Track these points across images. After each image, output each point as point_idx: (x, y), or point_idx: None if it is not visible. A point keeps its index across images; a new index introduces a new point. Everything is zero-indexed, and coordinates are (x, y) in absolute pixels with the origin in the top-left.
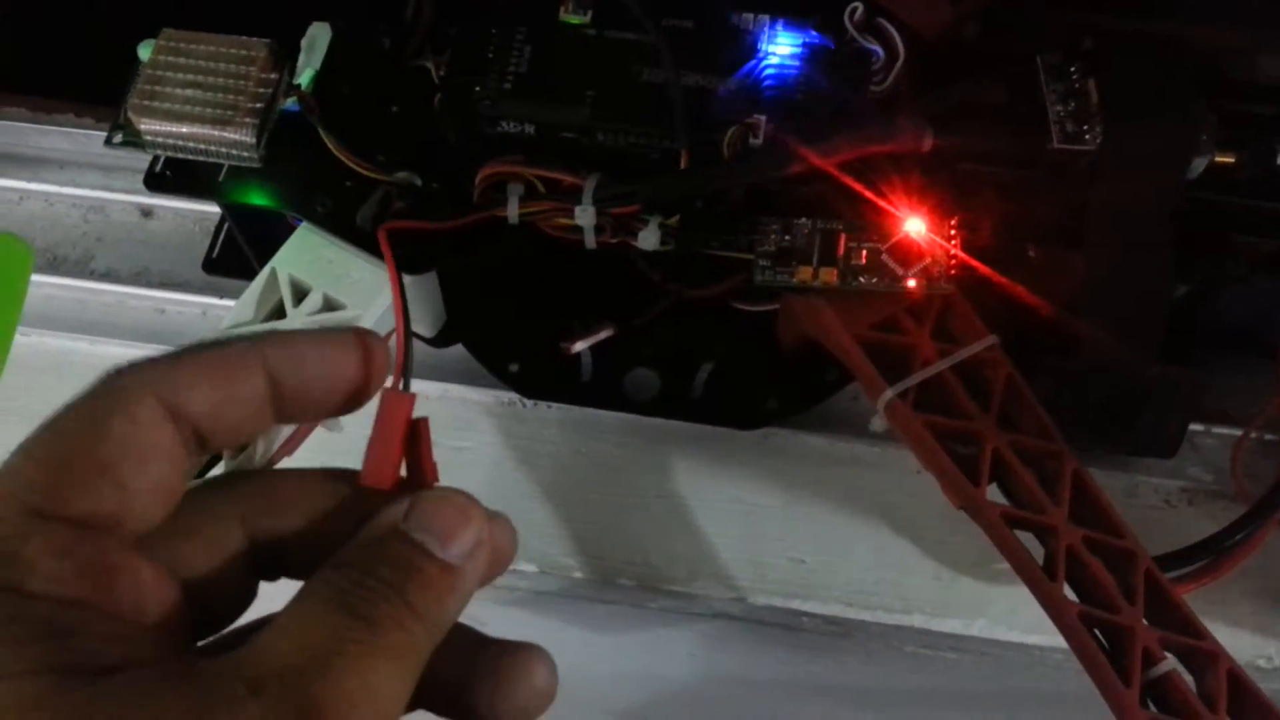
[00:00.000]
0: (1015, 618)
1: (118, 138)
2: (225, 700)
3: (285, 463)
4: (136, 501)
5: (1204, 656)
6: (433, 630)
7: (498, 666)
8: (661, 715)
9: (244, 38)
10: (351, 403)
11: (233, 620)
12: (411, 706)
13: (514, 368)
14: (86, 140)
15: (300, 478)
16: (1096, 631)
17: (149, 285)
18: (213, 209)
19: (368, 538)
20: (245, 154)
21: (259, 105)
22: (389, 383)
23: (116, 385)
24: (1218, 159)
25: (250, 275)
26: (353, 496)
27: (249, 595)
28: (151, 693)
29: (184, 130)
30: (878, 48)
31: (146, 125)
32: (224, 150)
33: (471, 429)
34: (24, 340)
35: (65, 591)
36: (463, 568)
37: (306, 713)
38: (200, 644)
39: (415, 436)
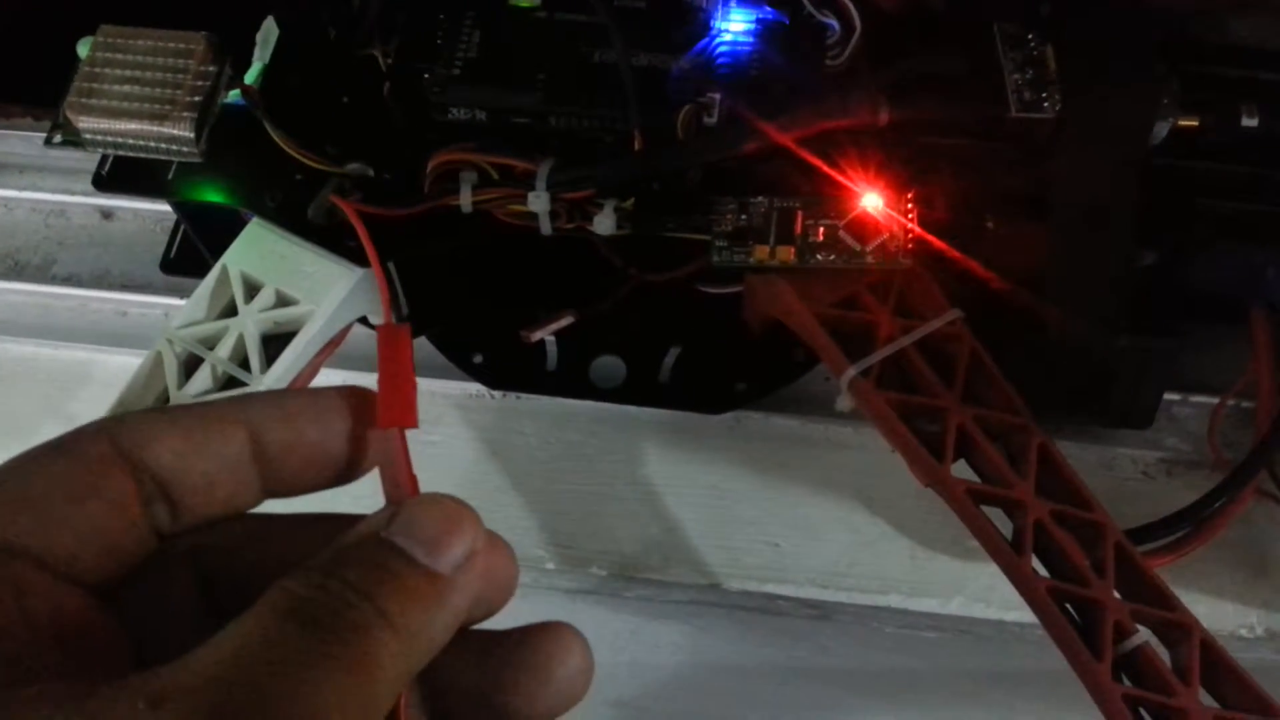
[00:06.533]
0: (993, 594)
1: (57, 137)
2: (113, 717)
3: None
4: (62, 536)
5: (1177, 629)
6: (413, 646)
7: (524, 658)
8: (656, 703)
9: (182, 32)
10: (350, 467)
11: None
12: None
13: (478, 359)
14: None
15: (269, 519)
16: (1068, 606)
17: (111, 288)
18: None
19: (339, 544)
20: (185, 149)
21: (197, 99)
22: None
23: (77, 430)
24: (1181, 123)
25: None
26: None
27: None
28: (24, 711)
29: (122, 127)
30: (834, 21)
31: (85, 123)
32: (164, 146)
33: (439, 422)
34: None
35: None
36: (453, 578)
37: None
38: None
39: (391, 448)
